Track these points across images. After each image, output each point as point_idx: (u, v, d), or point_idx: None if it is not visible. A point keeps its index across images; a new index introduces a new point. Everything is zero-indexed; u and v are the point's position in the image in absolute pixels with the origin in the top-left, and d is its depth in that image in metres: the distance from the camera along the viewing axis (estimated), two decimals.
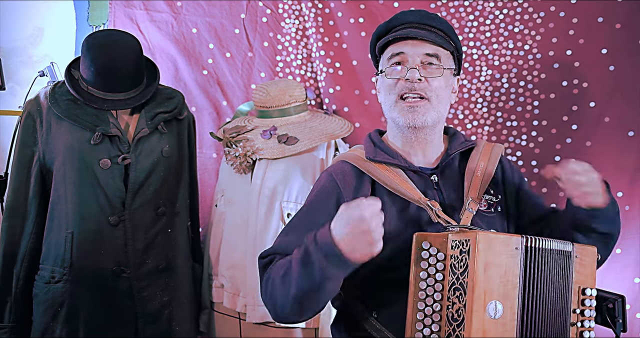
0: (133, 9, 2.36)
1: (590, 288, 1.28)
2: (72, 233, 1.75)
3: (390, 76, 1.39)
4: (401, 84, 1.37)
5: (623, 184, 1.99)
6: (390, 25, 1.45)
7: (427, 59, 1.37)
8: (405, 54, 1.37)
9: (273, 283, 1.25)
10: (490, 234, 1.14)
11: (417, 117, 1.35)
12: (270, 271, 1.29)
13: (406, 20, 1.43)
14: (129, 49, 1.81)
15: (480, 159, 1.43)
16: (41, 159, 1.80)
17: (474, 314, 1.09)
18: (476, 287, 1.10)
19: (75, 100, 1.79)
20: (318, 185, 1.45)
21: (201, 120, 2.33)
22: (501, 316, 1.12)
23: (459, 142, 1.46)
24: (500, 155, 1.47)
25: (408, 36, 1.37)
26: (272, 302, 1.26)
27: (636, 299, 1.98)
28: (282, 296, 1.21)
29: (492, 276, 1.12)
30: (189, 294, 1.97)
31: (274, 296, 1.24)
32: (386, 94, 1.41)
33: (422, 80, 1.35)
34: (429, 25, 1.42)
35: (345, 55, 2.29)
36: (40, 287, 1.78)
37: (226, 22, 2.36)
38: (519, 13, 2.12)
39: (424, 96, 1.36)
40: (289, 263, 1.21)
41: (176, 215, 1.92)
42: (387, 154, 1.42)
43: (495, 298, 1.11)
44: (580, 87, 2.05)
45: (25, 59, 2.58)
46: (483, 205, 1.38)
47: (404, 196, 1.34)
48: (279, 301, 1.23)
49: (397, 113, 1.38)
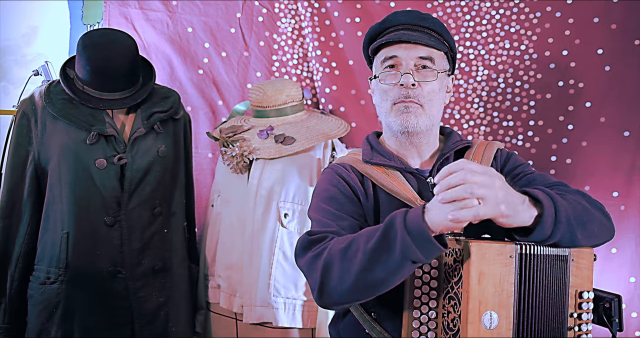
0: (128, 7, 2.35)
1: (587, 291, 1.26)
2: (68, 234, 1.74)
3: (384, 82, 1.39)
4: (396, 91, 1.36)
5: (619, 184, 2.00)
6: (383, 27, 1.44)
7: (421, 62, 1.37)
8: (399, 58, 1.37)
9: (330, 257, 1.14)
10: (484, 243, 1.12)
11: (410, 119, 1.35)
12: (328, 244, 1.18)
13: (399, 22, 1.42)
14: (125, 48, 1.80)
15: (473, 158, 1.42)
16: (36, 158, 1.78)
17: (469, 326, 1.08)
18: (471, 298, 1.09)
19: (70, 100, 1.78)
20: (324, 178, 1.43)
21: (197, 120, 2.32)
22: (497, 326, 1.11)
23: (453, 141, 1.46)
24: (494, 152, 1.45)
25: (401, 40, 1.36)
26: (322, 275, 1.15)
27: (631, 298, 1.99)
28: (341, 271, 1.12)
29: (487, 286, 1.11)
30: (185, 295, 1.96)
31: (327, 267, 1.14)
32: (381, 99, 1.41)
33: (415, 86, 1.35)
34: (422, 26, 1.41)
35: (341, 55, 2.29)
36: (35, 288, 1.76)
37: (222, 21, 2.35)
38: (515, 13, 2.13)
39: (418, 103, 1.36)
40: (355, 238, 1.14)
41: (172, 215, 1.91)
42: (383, 156, 1.42)
43: (491, 308, 1.10)
44: (576, 87, 2.06)
45: (18, 57, 2.56)
46: None
47: (400, 197, 1.34)
48: (335, 275, 1.13)
49: (393, 118, 1.38)
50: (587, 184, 2.04)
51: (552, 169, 2.08)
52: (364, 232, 1.16)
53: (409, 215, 1.08)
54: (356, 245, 1.12)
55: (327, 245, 1.19)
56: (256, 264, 1.92)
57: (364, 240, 1.12)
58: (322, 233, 1.24)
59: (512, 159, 1.46)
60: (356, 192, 1.37)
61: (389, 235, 1.08)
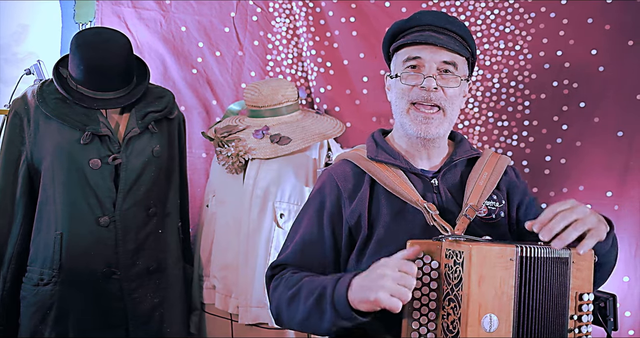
0: (121, 6, 2.33)
1: (587, 293, 1.26)
2: (62, 235, 1.72)
3: (405, 81, 1.36)
4: (416, 91, 1.34)
5: (612, 184, 2.02)
6: (408, 25, 1.41)
7: (444, 66, 1.34)
8: (422, 59, 1.34)
9: (280, 298, 1.29)
10: (484, 246, 1.12)
11: (430, 129, 1.35)
12: (281, 280, 1.32)
13: (425, 22, 1.39)
14: (119, 47, 1.79)
15: (484, 169, 1.41)
16: (29, 158, 1.76)
17: (468, 329, 1.08)
18: (470, 302, 1.09)
19: (64, 99, 1.76)
20: (318, 185, 1.44)
21: (190, 120, 2.31)
22: (496, 329, 1.11)
23: (464, 149, 1.45)
24: (505, 167, 1.45)
25: (428, 42, 1.33)
26: (276, 311, 1.32)
27: (625, 297, 2.00)
28: (288, 316, 1.28)
29: (487, 289, 1.11)
30: (180, 295, 1.95)
31: (279, 308, 1.30)
32: (398, 98, 1.38)
33: (437, 89, 1.33)
34: (449, 30, 1.38)
35: (336, 54, 2.29)
36: (28, 290, 1.75)
37: (216, 21, 2.34)
38: (510, 13, 2.13)
39: (439, 106, 1.35)
40: (300, 287, 1.25)
41: (167, 215, 1.90)
42: (389, 154, 1.41)
43: (490, 311, 1.10)
44: (570, 87, 2.06)
45: (9, 56, 2.53)
46: (483, 212, 1.36)
47: (401, 197, 1.33)
48: (285, 316, 1.29)
49: (409, 121, 1.36)
50: (581, 184, 2.05)
51: (546, 169, 2.09)
52: (307, 284, 1.24)
53: (337, 290, 1.15)
54: (299, 298, 1.23)
55: (278, 284, 1.31)
56: (252, 265, 1.91)
57: (305, 294, 1.22)
58: (281, 267, 1.36)
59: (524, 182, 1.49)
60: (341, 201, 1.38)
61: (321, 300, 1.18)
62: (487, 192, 1.37)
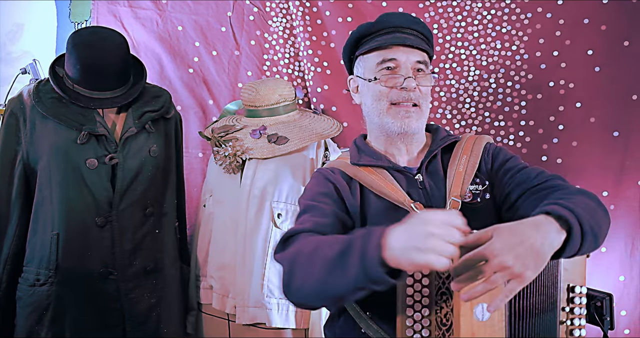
0: (117, 5, 2.32)
1: (579, 286, 1.28)
2: (58, 235, 1.71)
3: (385, 84, 1.39)
4: (395, 92, 1.38)
5: (608, 184, 2.03)
6: (375, 28, 1.44)
7: (417, 65, 1.40)
8: (398, 61, 1.38)
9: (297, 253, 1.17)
10: None
11: (411, 123, 1.38)
12: (298, 239, 1.21)
13: (392, 24, 1.42)
14: (115, 46, 1.78)
15: (462, 153, 1.43)
16: (25, 158, 1.75)
17: (461, 318, 1.09)
18: (462, 291, 1.10)
19: (60, 99, 1.76)
20: (313, 182, 1.44)
21: (187, 119, 2.30)
22: (489, 318, 1.12)
23: (440, 137, 1.47)
24: (483, 146, 1.45)
25: (405, 43, 1.37)
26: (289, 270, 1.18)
27: (621, 297, 2.02)
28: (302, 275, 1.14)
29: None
30: (177, 296, 1.94)
31: (293, 266, 1.17)
32: (375, 100, 1.41)
33: (415, 88, 1.38)
34: (416, 30, 1.43)
35: (333, 54, 2.29)
36: (24, 290, 1.74)
37: (212, 20, 2.34)
38: (507, 14, 2.14)
39: (417, 103, 1.39)
40: (321, 242, 1.15)
41: (164, 215, 1.89)
42: (371, 157, 1.43)
43: (482, 300, 1.11)
44: (566, 87, 2.07)
45: (3, 55, 2.51)
46: (468, 197, 1.36)
47: (389, 198, 1.34)
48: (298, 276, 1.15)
49: (390, 119, 1.39)
50: (578, 184, 2.05)
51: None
52: (330, 240, 1.14)
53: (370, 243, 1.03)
54: (319, 254, 1.11)
55: (296, 244, 1.20)
56: (249, 265, 1.90)
57: (328, 244, 1.11)
58: (296, 231, 1.25)
59: (502, 153, 1.45)
60: (341, 194, 1.37)
61: (347, 253, 1.06)
62: (469, 177, 1.37)
